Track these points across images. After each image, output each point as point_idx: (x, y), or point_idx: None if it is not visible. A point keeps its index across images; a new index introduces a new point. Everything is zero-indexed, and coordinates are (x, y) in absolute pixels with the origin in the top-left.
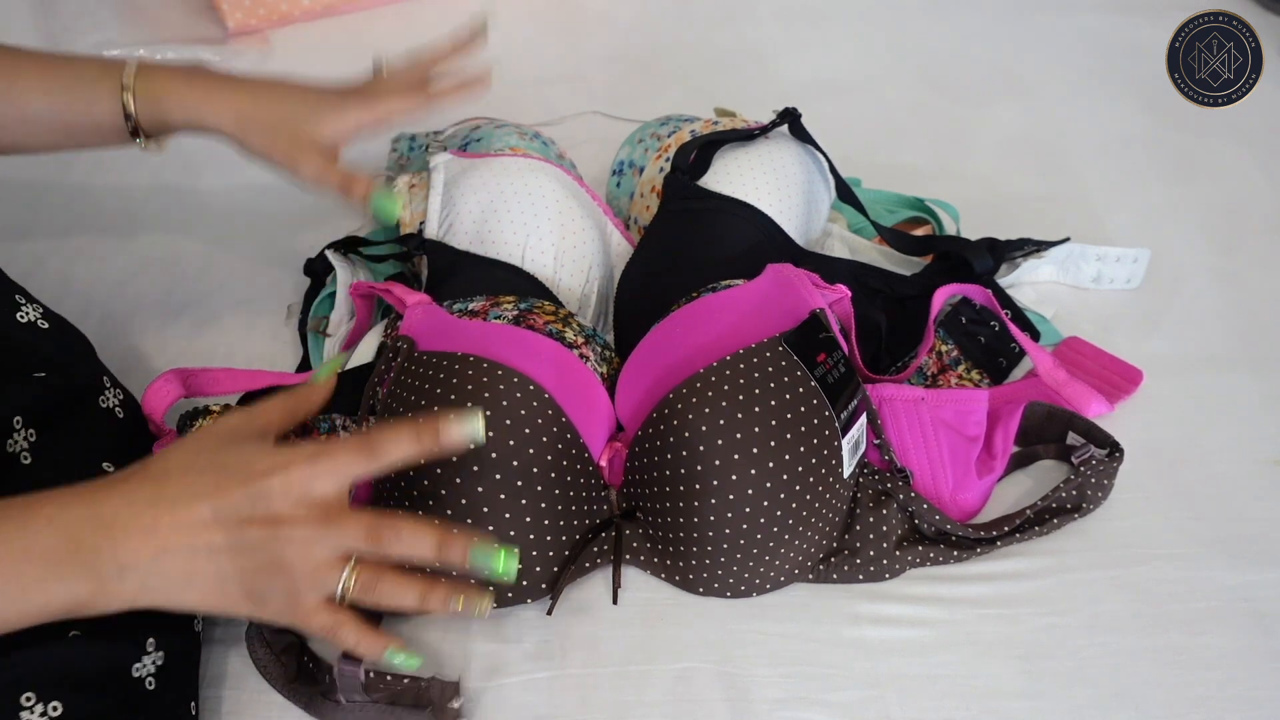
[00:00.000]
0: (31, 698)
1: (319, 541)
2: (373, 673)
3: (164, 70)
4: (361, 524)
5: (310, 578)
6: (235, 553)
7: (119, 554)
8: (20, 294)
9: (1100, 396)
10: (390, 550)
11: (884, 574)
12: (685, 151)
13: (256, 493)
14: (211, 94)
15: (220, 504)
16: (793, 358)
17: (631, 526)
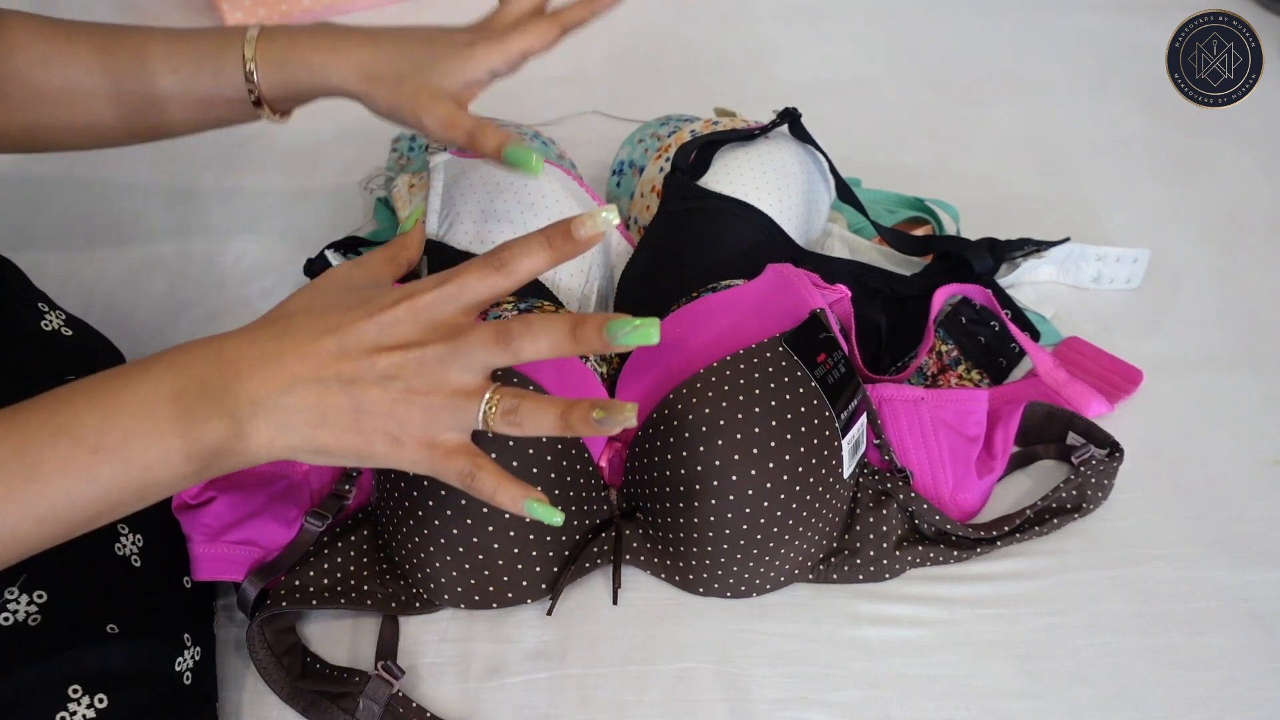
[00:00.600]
0: (78, 689)
1: (451, 359)
2: (402, 692)
3: (285, 33)
4: (488, 330)
5: (448, 406)
6: (367, 383)
7: (248, 389)
8: (44, 301)
9: (1100, 396)
10: (522, 350)
11: (884, 574)
12: (685, 151)
13: (383, 322)
14: (335, 52)
15: (346, 335)
16: (793, 358)
17: (631, 526)
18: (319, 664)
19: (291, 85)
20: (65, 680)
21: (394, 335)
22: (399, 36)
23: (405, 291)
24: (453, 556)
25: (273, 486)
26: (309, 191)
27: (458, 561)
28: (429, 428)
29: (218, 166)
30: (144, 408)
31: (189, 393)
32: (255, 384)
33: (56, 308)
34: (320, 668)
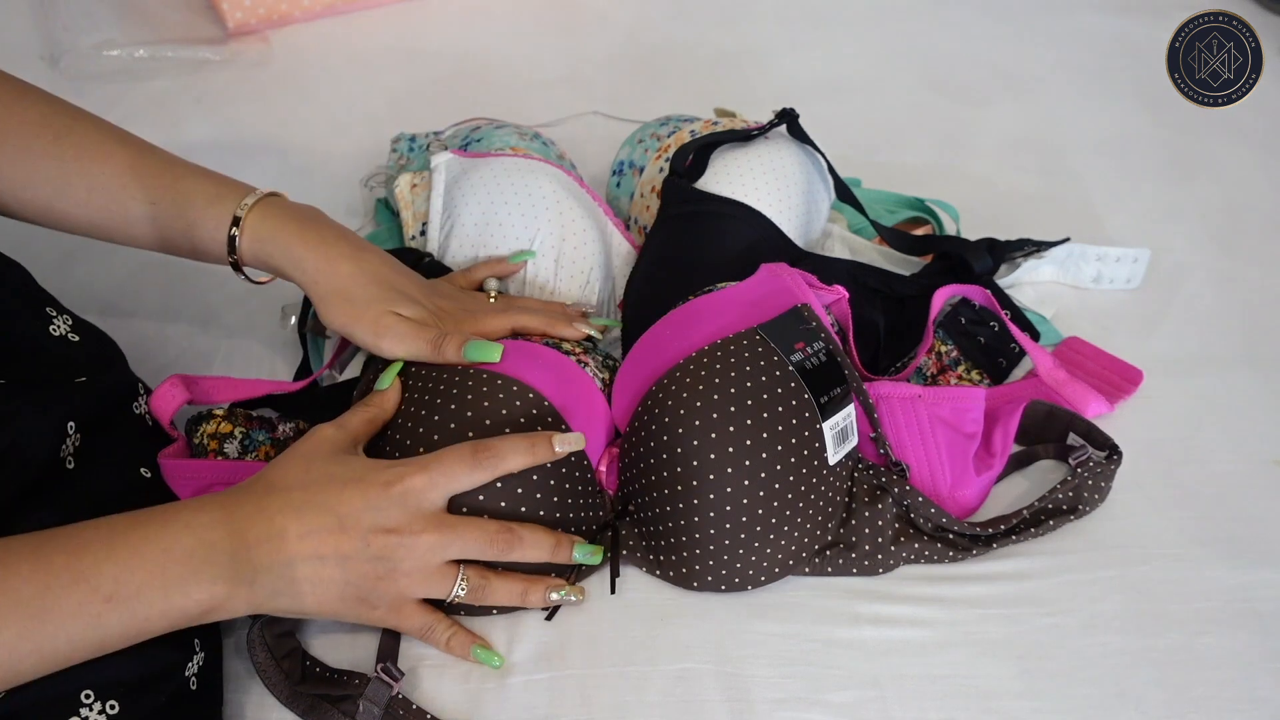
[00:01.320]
0: (90, 695)
1: (442, 549)
2: (401, 695)
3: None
4: (484, 531)
5: (424, 584)
6: (360, 560)
7: (253, 559)
8: (51, 305)
9: (1100, 396)
10: (511, 555)
11: (879, 568)
12: (682, 154)
13: (377, 505)
14: (319, 257)
15: (345, 513)
16: (769, 344)
17: (626, 525)
18: (318, 667)
19: (260, 262)
20: (77, 687)
21: (387, 519)
22: (377, 267)
23: (395, 474)
24: None
25: None
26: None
27: None
28: (401, 597)
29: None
30: (159, 564)
31: (198, 555)
32: (260, 555)
33: (64, 311)
34: (320, 671)
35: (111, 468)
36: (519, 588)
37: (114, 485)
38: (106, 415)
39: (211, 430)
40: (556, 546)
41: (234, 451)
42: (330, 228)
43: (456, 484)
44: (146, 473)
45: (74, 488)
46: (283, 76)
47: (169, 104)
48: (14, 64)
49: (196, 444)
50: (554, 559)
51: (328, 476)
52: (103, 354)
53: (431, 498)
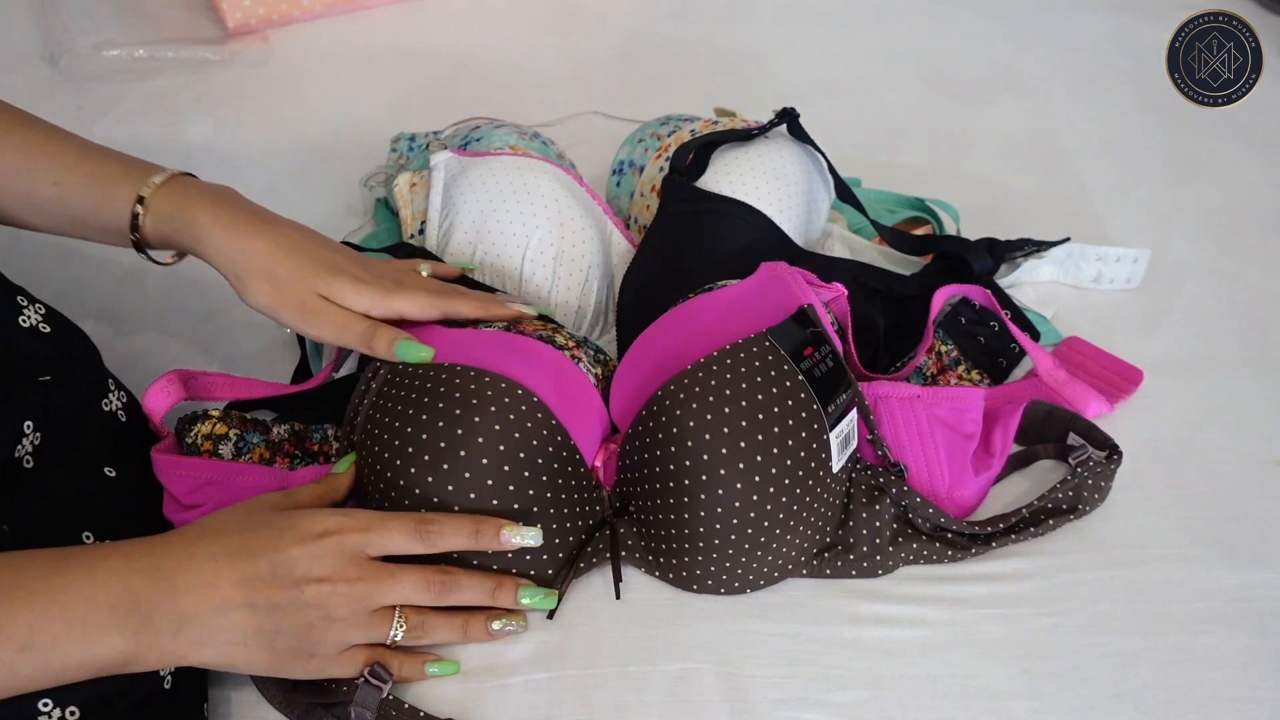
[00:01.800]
0: (49, 703)
1: (377, 597)
2: (392, 695)
3: (187, 191)
4: (420, 578)
5: (362, 630)
6: (291, 611)
7: (179, 607)
8: (22, 295)
9: (1100, 396)
10: (448, 599)
11: (878, 569)
12: (683, 153)
13: (312, 553)
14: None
15: (277, 560)
16: (779, 351)
17: (625, 525)
18: None
19: (167, 241)
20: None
21: (321, 567)
22: (296, 241)
23: (334, 525)
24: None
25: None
26: (308, 191)
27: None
28: (339, 645)
29: (217, 166)
30: (78, 614)
31: (123, 606)
32: (188, 603)
33: (36, 301)
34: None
35: (72, 467)
36: (458, 623)
37: (74, 485)
38: (72, 414)
39: (206, 431)
40: (497, 589)
41: (228, 453)
42: (243, 204)
43: (391, 547)
44: (111, 472)
45: (31, 488)
46: (283, 76)
47: (169, 104)
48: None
49: (190, 443)
50: (495, 603)
51: (264, 524)
52: (72, 349)
53: (368, 553)
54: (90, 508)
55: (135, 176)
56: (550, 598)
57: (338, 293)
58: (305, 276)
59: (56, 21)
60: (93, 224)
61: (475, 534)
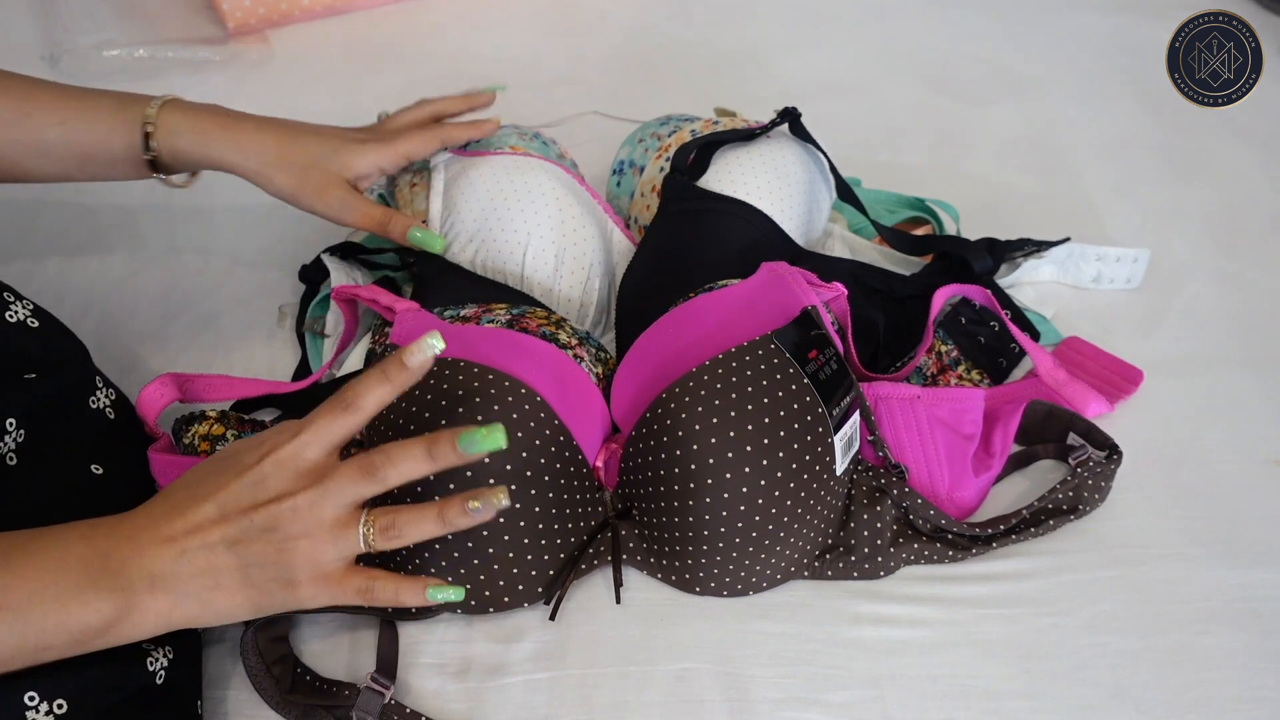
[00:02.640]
0: (34, 697)
1: (321, 500)
2: (394, 700)
3: (187, 106)
4: (353, 465)
5: (329, 541)
6: (249, 540)
7: (145, 564)
8: (9, 291)
9: (1100, 396)
10: (387, 477)
11: (879, 570)
12: (684, 152)
13: (252, 480)
14: (237, 132)
15: (223, 498)
16: (784, 355)
17: (627, 527)
18: (309, 675)
19: (183, 155)
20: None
21: (265, 490)
22: (294, 129)
23: (268, 446)
24: (449, 563)
25: None
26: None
27: (454, 567)
28: (316, 564)
29: None
30: (51, 572)
31: (93, 564)
32: (151, 558)
33: (22, 298)
34: (310, 679)
35: (58, 464)
36: (432, 511)
37: (60, 482)
38: (57, 410)
39: (203, 431)
40: (431, 446)
41: None
42: (236, 111)
43: (326, 436)
44: (98, 469)
45: (14, 485)
46: (283, 76)
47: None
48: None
49: (186, 444)
50: (435, 463)
51: (208, 470)
52: (59, 346)
53: (307, 456)
54: (77, 505)
55: (133, 104)
56: (495, 430)
57: (348, 163)
58: (319, 158)
59: (57, 22)
60: (102, 157)
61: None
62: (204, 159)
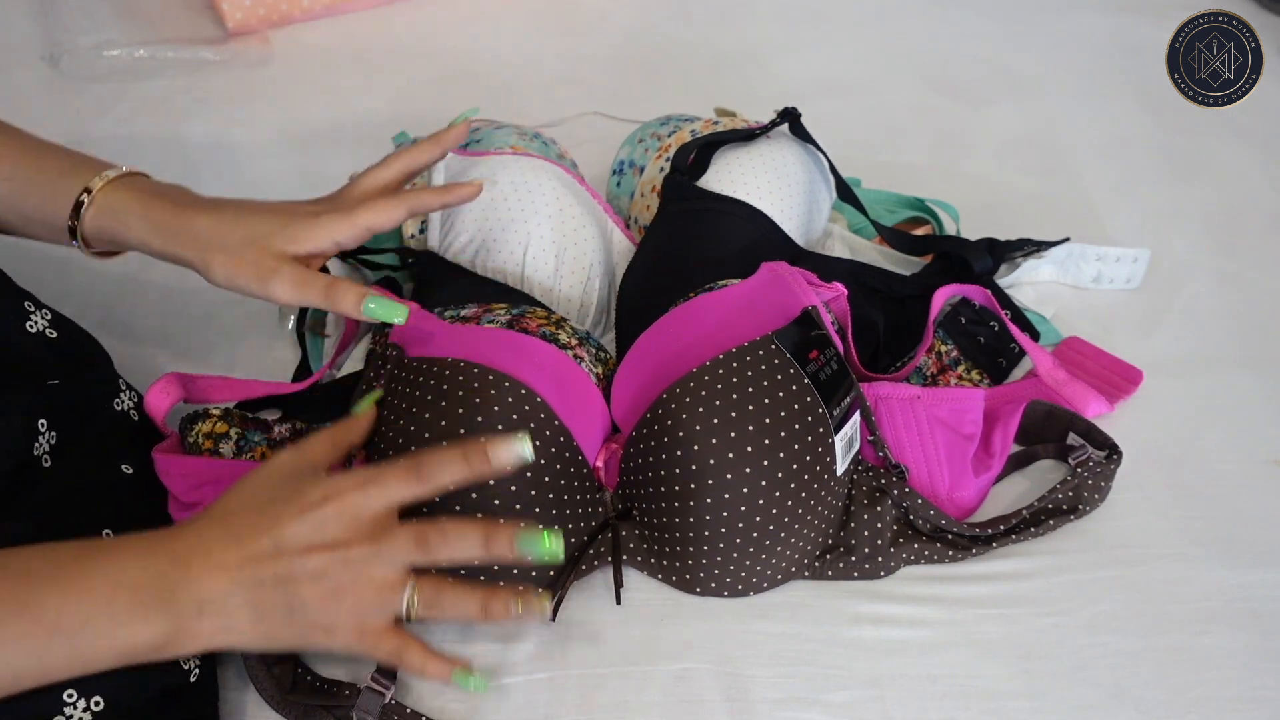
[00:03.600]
0: (73, 694)
1: (374, 559)
2: (395, 700)
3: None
4: (409, 533)
5: (374, 599)
6: (299, 581)
7: (195, 590)
8: (29, 300)
9: (1100, 396)
10: (439, 554)
11: (880, 571)
12: (684, 152)
13: (311, 521)
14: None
15: (279, 534)
16: (785, 355)
17: (627, 527)
18: (309, 675)
19: (107, 236)
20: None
21: (322, 534)
22: (240, 208)
23: (333, 488)
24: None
25: None
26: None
27: (455, 568)
28: (358, 618)
29: (217, 166)
30: (105, 595)
31: (145, 587)
32: (202, 585)
33: (42, 307)
34: (310, 679)
35: (90, 465)
36: (476, 598)
37: (93, 482)
38: (85, 413)
39: (207, 430)
40: (489, 538)
41: (229, 452)
42: (189, 194)
43: (391, 497)
44: (128, 469)
45: (50, 485)
46: (283, 76)
47: (169, 104)
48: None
49: (191, 443)
50: (489, 551)
51: (269, 499)
52: (81, 352)
53: (368, 509)
54: (109, 504)
55: (87, 171)
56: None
57: (296, 238)
58: (259, 237)
59: (57, 22)
60: (39, 220)
61: (465, 460)
62: (134, 244)
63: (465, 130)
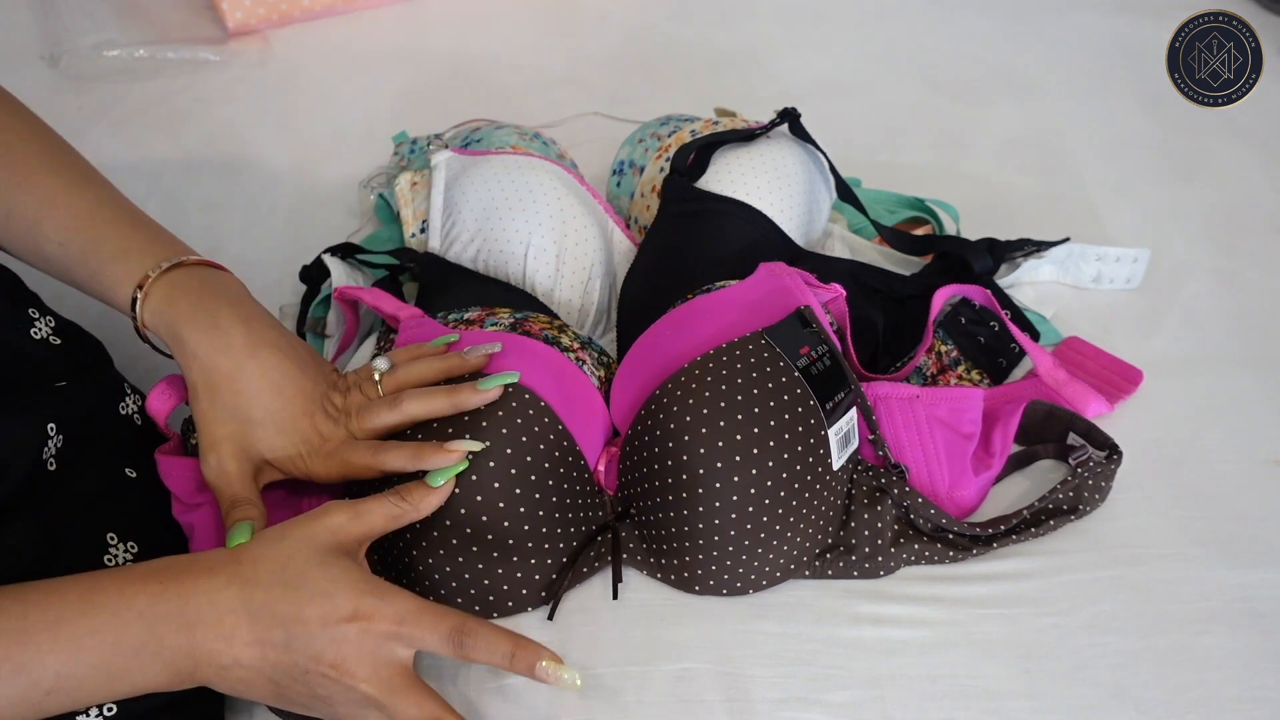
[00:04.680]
0: None
1: (375, 708)
2: None
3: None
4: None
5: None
6: (297, 680)
7: (196, 653)
8: (34, 307)
9: (1100, 396)
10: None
11: (880, 570)
12: (684, 153)
13: (334, 635)
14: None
15: (296, 633)
16: (774, 349)
17: (626, 528)
18: None
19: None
20: None
21: (336, 653)
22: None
23: (367, 609)
24: (452, 568)
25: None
26: (308, 192)
27: (457, 573)
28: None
29: (218, 167)
30: (104, 658)
31: (147, 650)
32: (204, 651)
33: (48, 313)
34: None
35: (95, 469)
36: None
37: (98, 486)
38: (90, 417)
39: None
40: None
41: None
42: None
43: (419, 644)
44: (131, 472)
45: (56, 490)
46: (283, 76)
47: (169, 104)
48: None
49: (193, 444)
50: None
51: (299, 581)
52: (85, 357)
53: (393, 649)
54: (114, 508)
55: (139, 254)
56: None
57: (292, 466)
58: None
59: (57, 22)
60: (92, 291)
61: (510, 655)
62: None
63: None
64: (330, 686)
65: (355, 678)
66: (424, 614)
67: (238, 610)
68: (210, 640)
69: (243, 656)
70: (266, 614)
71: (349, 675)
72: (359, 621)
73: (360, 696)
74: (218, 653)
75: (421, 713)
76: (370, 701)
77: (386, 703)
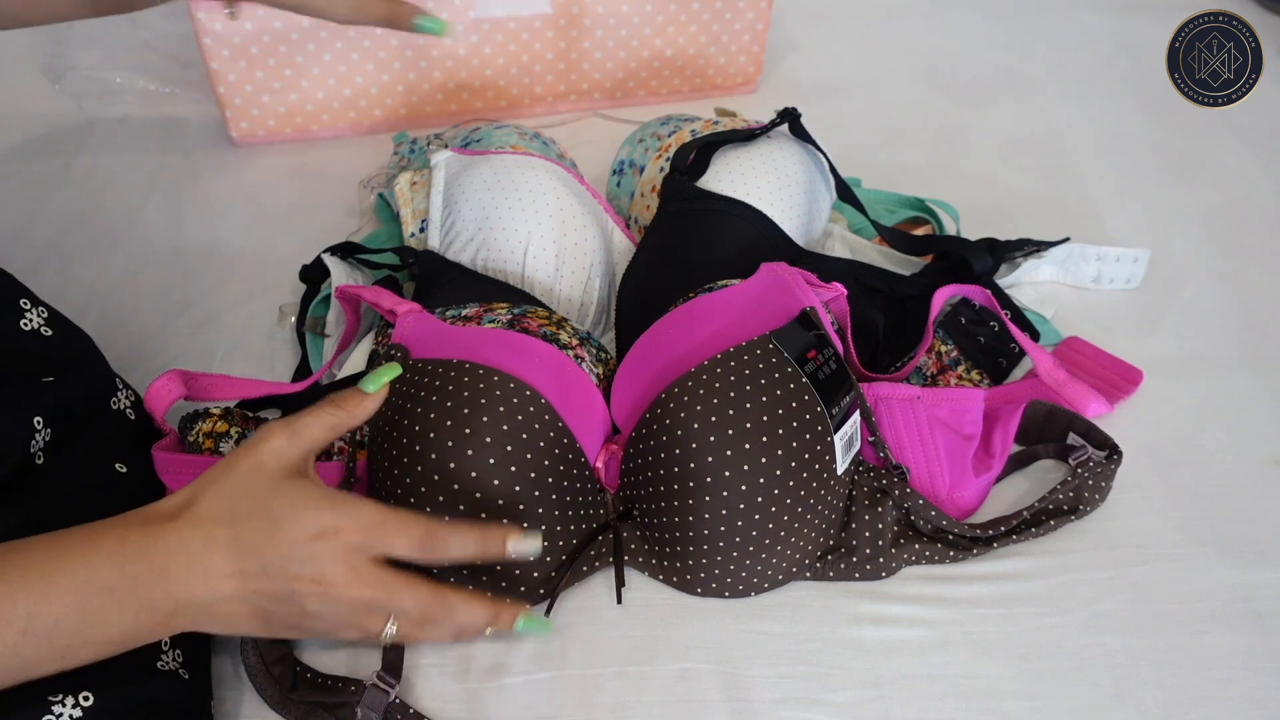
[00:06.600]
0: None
1: (365, 609)
2: (399, 699)
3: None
4: (417, 598)
5: (354, 628)
6: (284, 601)
7: (175, 593)
8: (26, 298)
9: (1100, 396)
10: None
11: (881, 571)
12: (684, 152)
13: (306, 553)
14: None
15: (271, 559)
16: (782, 354)
17: (628, 528)
18: (309, 673)
19: None
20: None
21: (315, 568)
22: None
23: (333, 524)
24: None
25: None
26: (309, 192)
27: (455, 568)
28: (334, 634)
29: (218, 166)
30: (77, 598)
31: (120, 589)
32: (182, 590)
33: (39, 304)
34: (312, 677)
35: (84, 463)
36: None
37: (86, 480)
38: (81, 411)
39: (208, 429)
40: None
41: (229, 451)
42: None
43: (393, 552)
44: (122, 468)
45: (43, 483)
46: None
47: (168, 104)
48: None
49: (191, 441)
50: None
51: (261, 511)
52: (76, 351)
53: (368, 552)
54: (102, 503)
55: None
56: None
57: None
58: None
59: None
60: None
61: (482, 544)
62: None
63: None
64: (319, 601)
65: (339, 586)
66: (389, 521)
67: (209, 547)
68: (186, 581)
69: (223, 590)
70: (239, 545)
71: (333, 585)
72: (327, 538)
73: (351, 603)
74: (198, 588)
75: (419, 598)
76: (362, 605)
77: (383, 600)
